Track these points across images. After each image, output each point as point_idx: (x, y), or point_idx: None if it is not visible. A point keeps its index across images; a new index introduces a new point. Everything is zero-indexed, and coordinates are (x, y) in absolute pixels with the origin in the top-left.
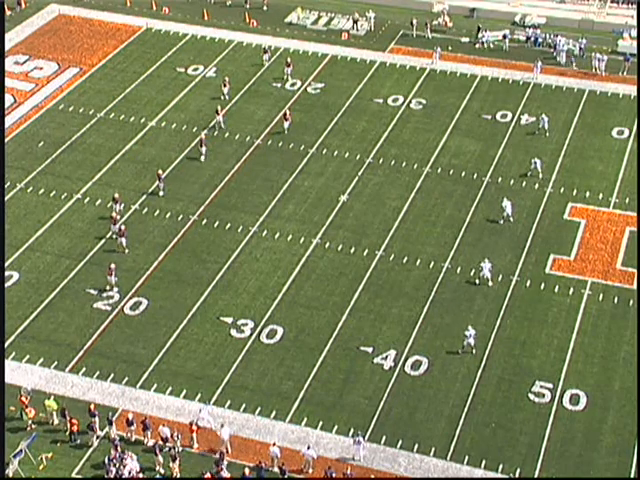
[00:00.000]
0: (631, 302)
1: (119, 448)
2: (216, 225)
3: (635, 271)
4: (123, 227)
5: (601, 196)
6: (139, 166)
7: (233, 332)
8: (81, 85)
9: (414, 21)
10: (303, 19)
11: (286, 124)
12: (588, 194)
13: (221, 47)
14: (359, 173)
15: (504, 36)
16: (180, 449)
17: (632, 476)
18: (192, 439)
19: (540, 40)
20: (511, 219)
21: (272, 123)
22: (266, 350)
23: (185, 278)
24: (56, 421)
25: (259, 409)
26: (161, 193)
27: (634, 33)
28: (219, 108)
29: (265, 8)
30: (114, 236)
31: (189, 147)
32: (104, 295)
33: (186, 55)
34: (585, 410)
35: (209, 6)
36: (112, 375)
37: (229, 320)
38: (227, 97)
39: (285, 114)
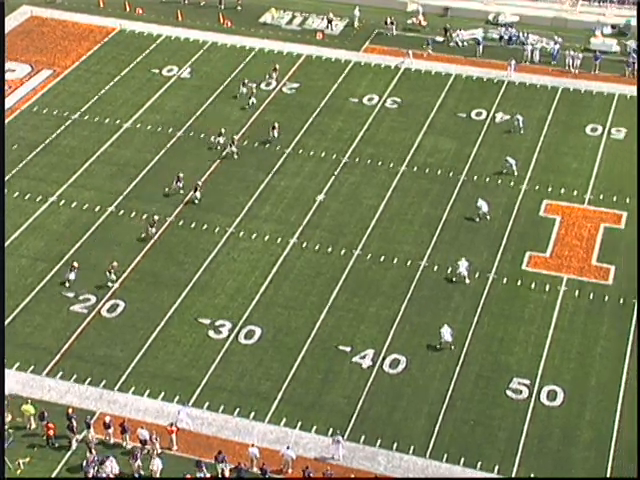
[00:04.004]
0: (606, 298)
1: (94, 451)
2: (193, 226)
3: (610, 267)
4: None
5: (576, 193)
6: (114, 168)
7: (211, 333)
8: (55, 87)
9: (389, 20)
10: (277, 19)
11: (275, 133)
12: (563, 191)
13: (195, 48)
14: (335, 172)
15: (477, 42)
16: (159, 451)
17: (608, 469)
18: (171, 441)
19: (514, 38)
20: (487, 217)
21: (248, 124)
22: (244, 351)
23: (162, 280)
24: (33, 425)
25: (238, 410)
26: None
27: (606, 31)
28: (276, 125)
29: (239, 8)
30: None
31: (165, 148)
32: (81, 298)
33: (160, 56)
34: (562, 406)
35: (183, 7)
36: (89, 378)
37: (207, 321)
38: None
39: (274, 126)
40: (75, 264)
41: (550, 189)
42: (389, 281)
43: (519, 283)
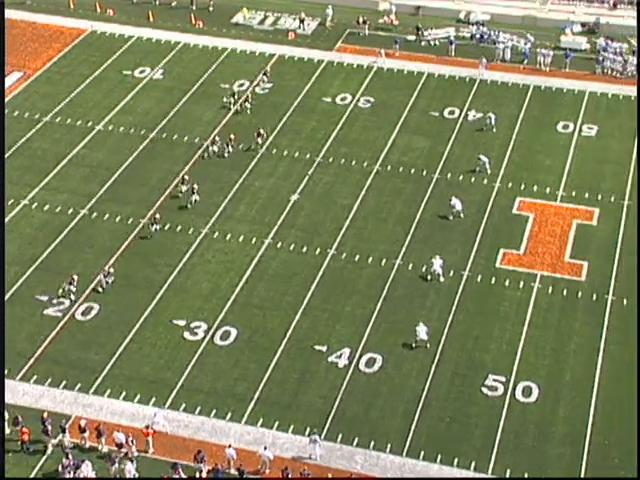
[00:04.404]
0: (580, 294)
1: (70, 455)
2: (167, 228)
3: (583, 263)
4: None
5: (548, 190)
6: (87, 170)
7: (186, 335)
8: (25, 89)
9: (361, 20)
10: (249, 19)
11: (259, 140)
12: (536, 188)
13: (167, 49)
14: (309, 172)
15: (450, 41)
16: (135, 454)
17: (583, 465)
18: (147, 443)
19: (485, 37)
20: (461, 215)
21: (221, 124)
22: (220, 352)
23: (136, 282)
24: (7, 430)
25: (214, 411)
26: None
27: (576, 29)
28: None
29: (211, 9)
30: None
31: (138, 150)
32: (55, 301)
33: (132, 57)
34: (537, 402)
35: (154, 8)
36: (64, 382)
37: (182, 323)
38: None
39: (259, 132)
40: (75, 277)
41: (523, 186)
42: (364, 280)
43: (493, 281)
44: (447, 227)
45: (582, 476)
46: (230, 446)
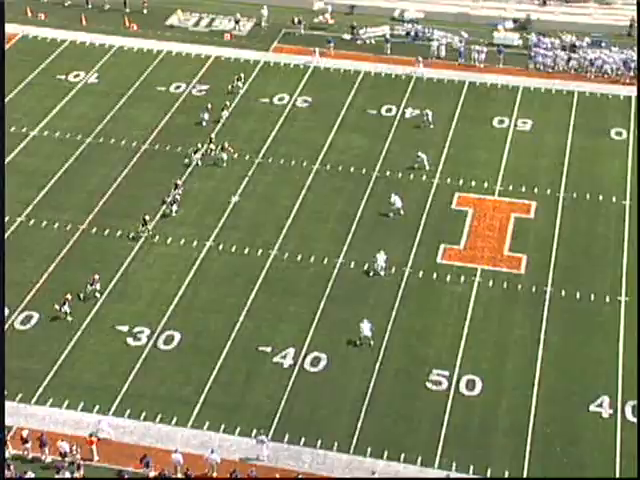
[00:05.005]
0: (519, 287)
1: (12, 467)
2: (106, 233)
3: (522, 256)
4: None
5: (486, 185)
6: (23, 177)
7: (129, 340)
8: None
9: (296, 19)
10: (184, 21)
11: (224, 156)
12: (474, 183)
13: (102, 52)
14: (249, 173)
15: (386, 40)
16: (80, 463)
17: (526, 456)
18: (92, 451)
19: (420, 35)
20: (401, 212)
21: (158, 127)
22: (164, 356)
23: (77, 289)
24: None
25: (160, 416)
26: (174, 208)
27: (508, 25)
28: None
29: (145, 11)
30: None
31: (74, 155)
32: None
33: (66, 62)
34: (481, 395)
35: (86, 11)
36: (5, 392)
37: (124, 328)
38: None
39: (223, 146)
40: (69, 296)
41: (461, 182)
42: (307, 280)
43: (435, 276)
44: (388, 224)
45: (526, 465)
46: (176, 451)
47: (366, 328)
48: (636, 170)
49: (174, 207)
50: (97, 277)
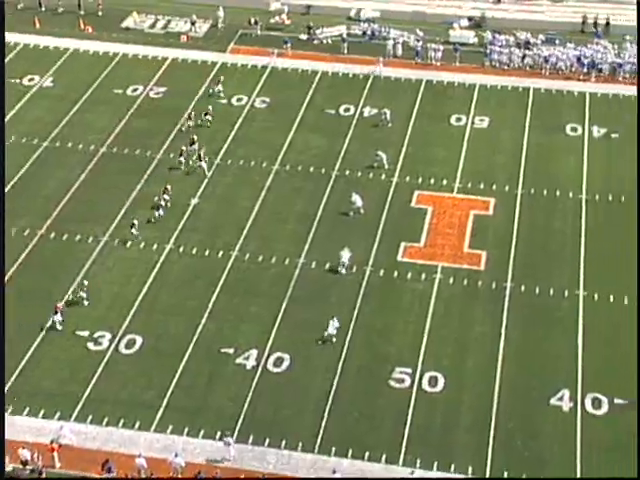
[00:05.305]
0: (479, 283)
1: None
2: (65, 238)
3: (482, 252)
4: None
5: (445, 182)
6: None
7: (90, 345)
8: None
9: (252, 20)
10: (140, 23)
11: (204, 165)
12: (433, 181)
13: (56, 55)
14: (208, 175)
15: (343, 39)
16: (42, 470)
17: (489, 453)
18: (53, 458)
19: (377, 34)
20: (361, 211)
21: (116, 130)
22: (126, 361)
23: (36, 295)
24: None
25: (122, 421)
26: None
27: (463, 23)
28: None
29: (100, 14)
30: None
31: (30, 160)
32: None
33: (20, 65)
34: (443, 391)
35: (40, 14)
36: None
37: (85, 333)
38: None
39: (200, 156)
40: (60, 305)
41: (420, 180)
42: (268, 280)
43: (395, 274)
44: (348, 223)
45: (489, 460)
46: (140, 455)
47: (333, 325)
48: (587, 166)
49: (160, 212)
50: (86, 283)
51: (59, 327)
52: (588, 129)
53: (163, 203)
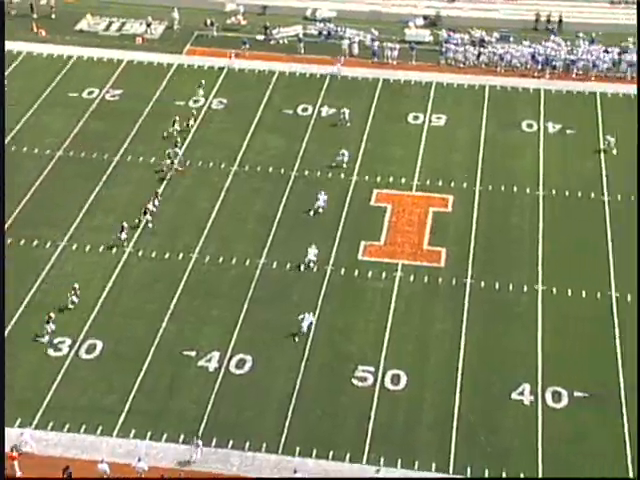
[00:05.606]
0: (440, 280)
1: None
2: (22, 243)
3: (442, 249)
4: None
5: (404, 180)
6: None
7: (50, 351)
8: None
9: (208, 21)
10: (94, 25)
11: (182, 169)
12: (391, 179)
13: (10, 59)
14: (167, 177)
15: (299, 39)
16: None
17: (452, 450)
18: (14, 467)
19: (333, 33)
20: (320, 210)
21: (72, 134)
22: (86, 366)
23: None
24: None
25: (84, 427)
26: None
27: (419, 22)
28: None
29: (53, 16)
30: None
31: None
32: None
33: None
34: (406, 389)
35: None
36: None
37: (45, 340)
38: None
39: (178, 169)
40: (52, 315)
41: (379, 178)
42: (229, 281)
43: (356, 273)
44: (308, 223)
45: (452, 456)
46: (102, 461)
47: (305, 322)
48: (543, 162)
49: (147, 217)
50: (77, 286)
51: (45, 338)
52: (543, 125)
53: (154, 209)
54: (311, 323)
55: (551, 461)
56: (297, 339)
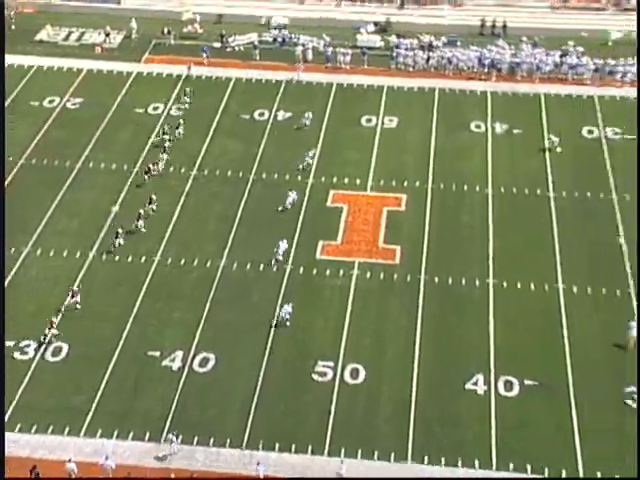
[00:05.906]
0: (395, 276)
1: None
2: None
3: (396, 247)
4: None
5: (359, 181)
6: None
7: (16, 355)
8: None
9: (165, 30)
10: (54, 36)
11: (146, 176)
12: (347, 180)
13: None
14: (128, 182)
15: (254, 46)
16: None
17: (409, 442)
18: None
19: (287, 40)
20: (278, 209)
21: (34, 142)
22: (53, 368)
23: None
24: None
25: (51, 428)
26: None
27: (370, 28)
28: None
29: (13, 27)
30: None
31: None
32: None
33: None
34: (365, 383)
35: None
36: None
37: (11, 343)
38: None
39: (149, 169)
40: (54, 320)
41: (335, 180)
42: (191, 283)
43: (315, 271)
44: (267, 224)
45: (410, 446)
46: (70, 460)
47: (285, 311)
48: (491, 161)
49: (140, 222)
50: (76, 289)
51: (53, 341)
52: (491, 126)
53: (152, 213)
54: (290, 312)
55: (504, 447)
56: (288, 323)
